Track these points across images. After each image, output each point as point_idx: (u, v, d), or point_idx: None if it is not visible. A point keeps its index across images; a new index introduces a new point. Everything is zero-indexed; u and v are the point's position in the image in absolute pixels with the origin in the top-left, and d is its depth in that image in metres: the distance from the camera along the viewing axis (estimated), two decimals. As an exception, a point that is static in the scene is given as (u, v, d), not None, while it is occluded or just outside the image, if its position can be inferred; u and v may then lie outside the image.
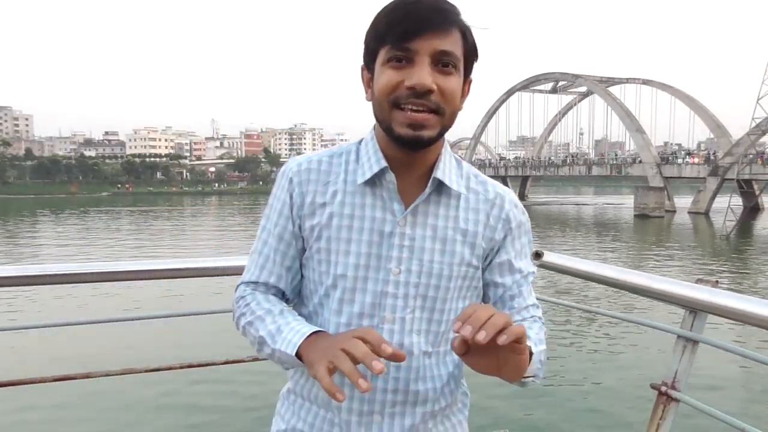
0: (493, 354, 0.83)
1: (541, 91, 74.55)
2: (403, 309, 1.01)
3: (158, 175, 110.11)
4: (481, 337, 0.75)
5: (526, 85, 69.10)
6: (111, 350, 7.98)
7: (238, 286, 1.11)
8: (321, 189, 1.04)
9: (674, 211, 44.24)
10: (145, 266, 1.84)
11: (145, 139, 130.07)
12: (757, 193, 43.65)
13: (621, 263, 19.71)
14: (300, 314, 1.07)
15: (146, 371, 1.85)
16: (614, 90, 57.55)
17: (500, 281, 1.09)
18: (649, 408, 1.60)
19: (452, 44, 0.92)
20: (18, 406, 6.31)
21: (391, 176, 1.00)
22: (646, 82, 59.49)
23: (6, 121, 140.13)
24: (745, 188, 42.49)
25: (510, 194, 1.11)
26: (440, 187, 1.03)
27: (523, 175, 69.47)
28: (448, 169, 1.04)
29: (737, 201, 39.76)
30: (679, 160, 47.89)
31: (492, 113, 72.98)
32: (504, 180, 77.01)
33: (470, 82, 1.01)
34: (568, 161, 67.21)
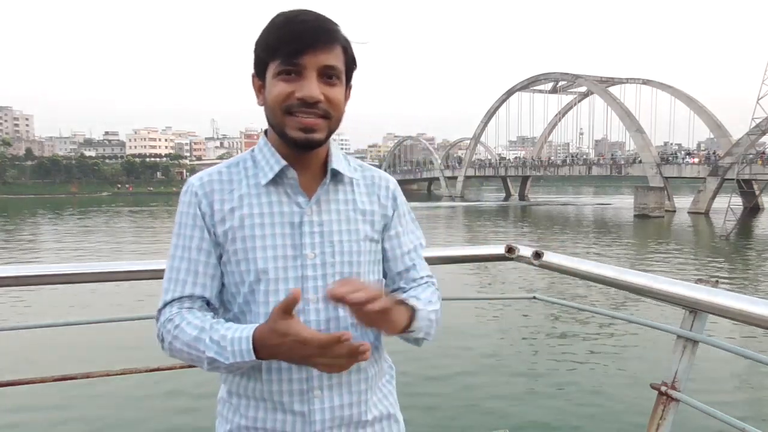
0: (367, 316, 0.96)
1: (541, 91, 74.50)
2: (324, 288, 1.10)
3: (158, 175, 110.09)
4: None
5: (526, 85, 69.08)
6: (111, 350, 7.99)
7: (159, 310, 1.12)
8: (227, 196, 1.12)
9: (674, 211, 44.23)
10: (145, 266, 1.84)
11: (145, 139, 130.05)
12: (757, 193, 43.66)
13: (621, 263, 19.71)
14: (226, 320, 1.11)
15: (146, 371, 1.85)
16: (614, 90, 57.56)
17: (395, 253, 1.24)
18: (649, 408, 1.59)
19: (335, 59, 1.06)
20: (18, 406, 6.31)
21: (292, 173, 1.12)
22: (646, 82, 59.47)
23: (6, 121, 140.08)
24: (745, 188, 42.48)
25: (391, 178, 1.28)
26: (336, 176, 1.16)
27: (523, 175, 69.49)
28: (340, 161, 1.18)
29: (737, 201, 39.78)
30: (679, 160, 47.88)
31: (492, 113, 72.98)
32: (504, 180, 77.27)
33: (350, 88, 1.14)
34: (568, 161, 67.22)
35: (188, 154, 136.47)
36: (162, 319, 1.10)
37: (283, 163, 1.12)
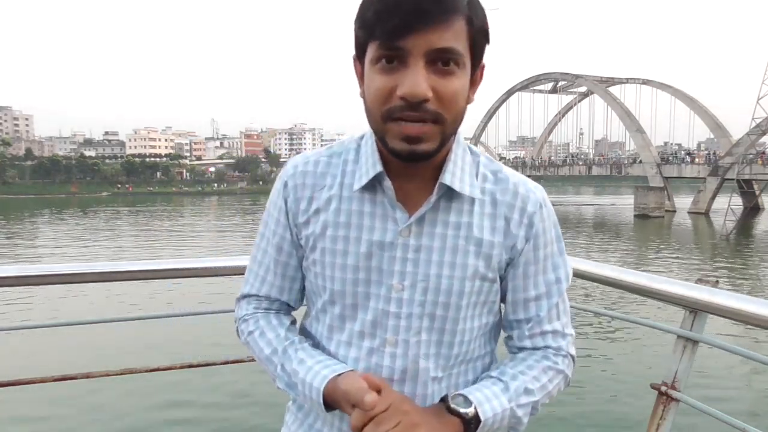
0: None
1: (541, 91, 74.51)
2: (406, 330, 0.90)
3: (158, 175, 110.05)
4: None
5: (526, 85, 69.08)
6: (111, 350, 7.98)
7: (238, 299, 1.04)
8: (316, 194, 0.94)
9: (674, 211, 44.23)
10: (145, 266, 1.84)
11: (145, 139, 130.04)
12: (757, 193, 43.65)
13: (621, 263, 19.71)
14: (306, 315, 1.03)
15: (146, 371, 1.85)
16: (614, 90, 57.53)
17: (516, 297, 0.96)
18: (649, 408, 1.59)
19: (453, 38, 0.77)
20: (18, 406, 6.31)
21: (388, 182, 0.89)
22: (646, 82, 59.45)
23: (6, 121, 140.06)
24: (745, 188, 42.49)
25: (536, 192, 0.95)
26: (450, 191, 0.90)
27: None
28: (459, 169, 0.90)
29: (737, 201, 39.77)
30: (679, 160, 47.85)
31: (492, 113, 72.96)
32: (504, 180, 77.00)
33: (483, 68, 0.87)
34: (568, 161, 67.22)
35: (188, 154, 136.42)
36: (239, 314, 1.02)
37: (379, 168, 0.88)
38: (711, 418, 1.50)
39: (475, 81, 0.86)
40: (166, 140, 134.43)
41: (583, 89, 67.10)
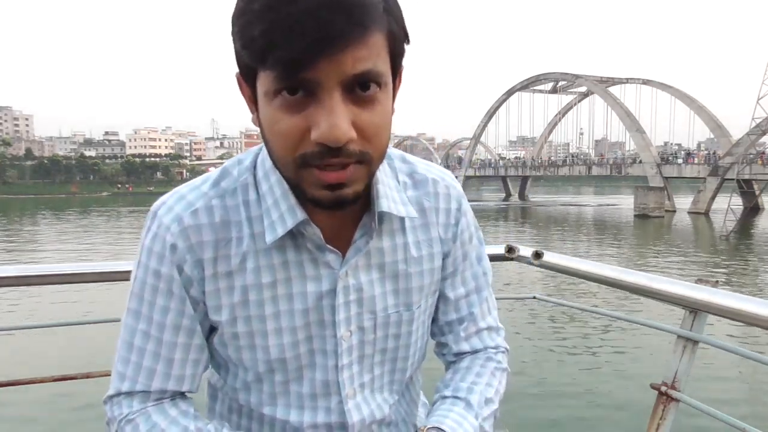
0: None
1: (541, 91, 74.54)
2: (360, 374, 0.84)
3: (158, 175, 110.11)
4: None
5: (526, 85, 69.07)
6: (111, 350, 7.97)
7: (109, 398, 0.81)
8: (222, 253, 0.75)
9: (674, 211, 44.23)
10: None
11: (145, 139, 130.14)
12: (757, 193, 43.65)
13: (621, 263, 19.71)
14: (226, 386, 0.88)
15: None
16: (614, 90, 57.55)
17: (447, 297, 0.91)
18: (649, 408, 1.59)
19: (372, 57, 0.61)
20: (18, 406, 6.31)
21: (312, 228, 0.75)
22: (646, 82, 59.47)
23: (6, 121, 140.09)
24: (745, 188, 42.48)
25: (455, 186, 0.89)
26: (383, 218, 0.79)
27: (523, 175, 69.50)
28: (387, 188, 0.78)
29: (737, 201, 39.76)
30: (680, 160, 47.86)
31: (492, 113, 72.95)
32: (504, 180, 77.24)
33: (401, 70, 0.70)
34: (568, 161, 67.23)
35: (188, 154, 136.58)
36: (116, 413, 0.79)
37: (300, 217, 0.73)
38: (711, 418, 1.50)
39: (395, 88, 0.70)
40: (166, 140, 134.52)
41: (583, 89, 67.12)
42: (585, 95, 69.68)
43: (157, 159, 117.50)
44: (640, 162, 50.07)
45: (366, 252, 0.80)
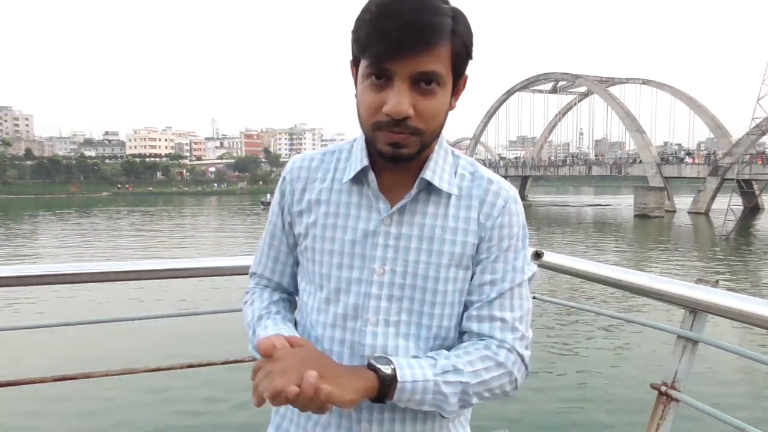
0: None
1: (541, 91, 74.54)
2: (387, 311, 0.98)
3: (158, 175, 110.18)
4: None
5: (526, 85, 69.12)
6: (111, 350, 7.99)
7: (249, 275, 1.17)
8: (309, 187, 1.05)
9: (674, 211, 44.26)
10: (145, 266, 1.84)
11: (145, 139, 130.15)
12: (757, 193, 43.67)
13: (621, 263, 19.72)
14: (300, 306, 1.10)
15: (146, 371, 1.85)
16: (614, 90, 57.58)
17: (474, 281, 1.01)
18: (649, 408, 1.59)
19: (435, 62, 0.87)
20: (18, 406, 6.32)
21: (371, 175, 0.99)
22: (646, 82, 59.50)
23: (6, 121, 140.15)
24: (745, 188, 42.51)
25: (509, 190, 1.03)
26: (429, 187, 0.99)
27: (523, 175, 69.52)
28: (440, 167, 1.00)
29: (737, 201, 39.79)
30: (687, 160, 47.83)
31: (492, 113, 72.99)
32: (504, 180, 77.09)
33: (466, 78, 0.96)
34: (568, 161, 67.25)
35: (188, 154, 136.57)
36: (248, 288, 1.15)
37: (365, 162, 0.99)
38: (711, 418, 1.50)
39: (458, 91, 0.96)
40: (166, 140, 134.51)
41: (583, 89, 67.13)
42: (585, 95, 69.67)
43: (157, 159, 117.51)
44: (640, 162, 50.09)
45: (411, 210, 0.99)
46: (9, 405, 6.28)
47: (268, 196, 67.77)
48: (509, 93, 70.73)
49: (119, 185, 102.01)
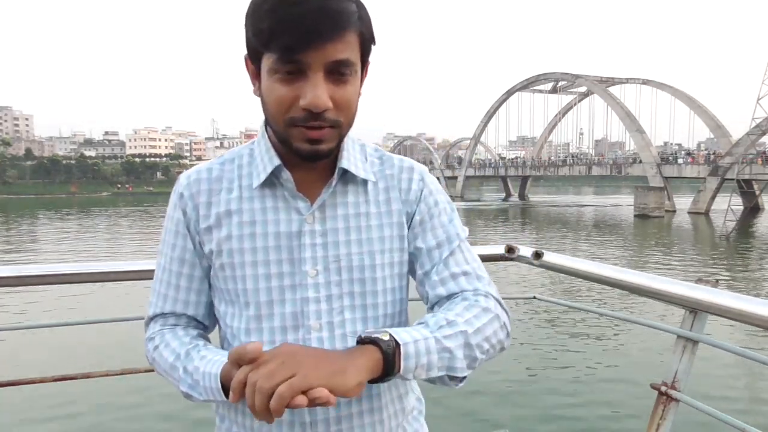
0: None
1: (541, 91, 74.55)
2: (329, 313, 0.92)
3: (158, 175, 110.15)
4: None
5: (526, 85, 69.10)
6: (111, 350, 7.99)
7: (145, 324, 1.02)
8: (214, 198, 0.96)
9: (674, 211, 44.23)
10: (145, 266, 1.83)
11: (145, 139, 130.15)
12: (757, 193, 43.66)
13: (621, 263, 19.72)
14: (223, 334, 1.00)
15: (146, 371, 1.84)
16: (614, 90, 57.57)
17: (419, 251, 0.98)
18: (649, 408, 1.59)
19: (348, 49, 0.83)
20: (18, 406, 6.31)
21: (286, 174, 0.93)
22: (646, 82, 59.48)
23: (6, 121, 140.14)
24: (745, 188, 42.49)
25: (418, 165, 1.03)
26: (346, 175, 0.96)
27: (523, 175, 69.55)
28: (353, 156, 0.97)
29: (737, 201, 39.77)
30: (680, 161, 47.86)
31: (492, 113, 72.97)
32: (504, 180, 77.30)
33: (368, 64, 0.93)
34: (568, 161, 67.26)
35: (188, 154, 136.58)
36: (146, 336, 1.00)
37: (276, 162, 0.93)
38: (711, 418, 1.50)
39: (362, 77, 0.92)
40: (166, 140, 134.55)
41: (583, 89, 67.14)
42: (585, 95, 69.69)
43: (157, 159, 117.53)
44: (640, 162, 50.08)
45: (332, 204, 0.95)
46: (9, 405, 6.28)
47: None
48: (509, 93, 70.70)
49: (119, 185, 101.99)
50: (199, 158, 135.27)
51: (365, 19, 0.86)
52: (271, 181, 0.94)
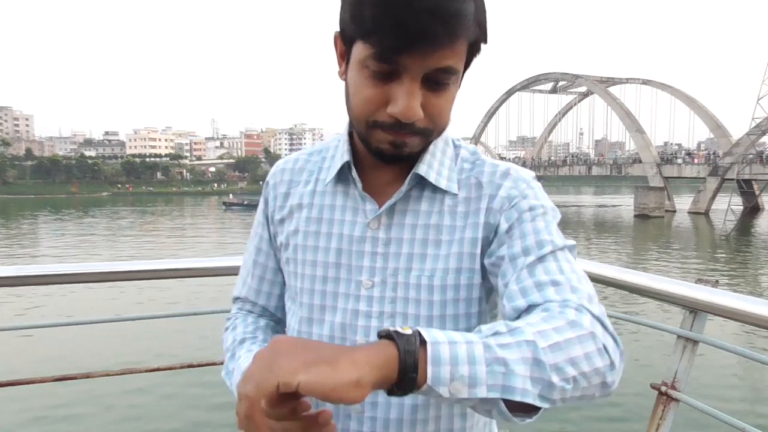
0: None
1: (541, 91, 74.58)
2: (378, 332, 0.70)
3: (158, 175, 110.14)
4: None
5: (526, 85, 69.09)
6: (111, 350, 7.99)
7: (232, 302, 1.03)
8: (292, 190, 0.92)
9: (674, 211, 44.23)
10: (145, 266, 1.83)
11: (145, 139, 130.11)
12: (757, 193, 43.65)
13: (621, 263, 19.71)
14: (286, 331, 0.96)
15: (146, 371, 1.85)
16: (614, 90, 57.56)
17: (502, 257, 0.79)
18: (649, 408, 1.59)
19: (454, 57, 0.72)
20: (18, 406, 6.31)
21: (354, 173, 0.85)
22: (646, 82, 59.48)
23: (6, 121, 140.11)
24: (745, 188, 42.48)
25: (516, 171, 0.86)
26: (423, 182, 0.85)
27: (523, 175, 69.45)
28: (437, 161, 0.85)
29: (737, 201, 39.77)
30: (679, 161, 47.87)
31: (492, 113, 72.96)
32: (504, 180, 77.14)
33: (470, 65, 0.82)
34: (568, 161, 67.26)
35: (188, 154, 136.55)
36: (229, 314, 1.00)
37: (346, 158, 0.85)
38: (711, 418, 1.50)
39: (462, 78, 0.82)
40: (166, 140, 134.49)
41: (583, 89, 67.13)
42: (585, 95, 69.69)
43: (157, 159, 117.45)
44: (640, 162, 50.08)
45: (402, 211, 0.84)
46: (9, 405, 6.27)
47: (231, 195, 66.91)
48: (509, 93, 70.69)
49: (119, 185, 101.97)
50: (199, 158, 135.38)
51: (481, 21, 0.74)
52: (346, 178, 0.87)
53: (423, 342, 0.58)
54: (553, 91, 72.49)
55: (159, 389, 7.05)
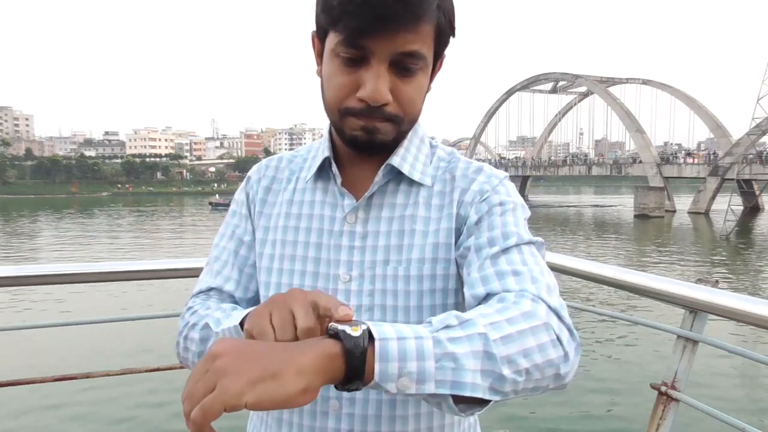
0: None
1: (541, 91, 74.60)
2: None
3: (158, 175, 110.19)
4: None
5: (526, 85, 69.11)
6: (111, 350, 7.99)
7: (197, 292, 0.93)
8: (275, 187, 0.94)
9: (674, 211, 44.23)
10: (145, 266, 1.83)
11: (145, 139, 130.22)
12: (757, 193, 43.66)
13: (621, 263, 19.71)
14: None
15: (146, 371, 1.85)
16: (614, 90, 57.57)
17: (468, 247, 0.81)
18: (649, 408, 1.59)
19: (420, 41, 0.75)
20: (18, 406, 6.31)
21: (334, 168, 0.88)
22: (646, 82, 59.49)
23: (6, 121, 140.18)
24: (745, 188, 42.48)
25: (489, 169, 0.89)
26: (399, 176, 0.87)
27: (523, 175, 69.54)
28: (411, 155, 0.88)
29: (737, 201, 39.77)
30: (680, 160, 47.88)
31: (492, 113, 72.98)
32: (504, 180, 77.18)
33: (443, 58, 0.85)
34: (568, 161, 67.29)
35: (188, 154, 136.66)
36: (183, 314, 0.89)
37: (326, 153, 0.88)
38: (711, 418, 1.50)
39: (435, 71, 0.85)
40: (166, 140, 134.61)
41: (583, 89, 67.14)
42: (585, 95, 69.70)
43: (157, 159, 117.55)
44: (640, 162, 50.08)
45: (377, 204, 0.87)
46: (9, 405, 6.27)
47: (217, 196, 66.63)
48: (509, 93, 70.71)
49: (119, 185, 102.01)
50: (199, 158, 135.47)
51: (446, 9, 0.78)
52: (327, 175, 0.90)
53: (371, 339, 0.58)
54: (553, 91, 72.50)
55: (159, 389, 7.04)
